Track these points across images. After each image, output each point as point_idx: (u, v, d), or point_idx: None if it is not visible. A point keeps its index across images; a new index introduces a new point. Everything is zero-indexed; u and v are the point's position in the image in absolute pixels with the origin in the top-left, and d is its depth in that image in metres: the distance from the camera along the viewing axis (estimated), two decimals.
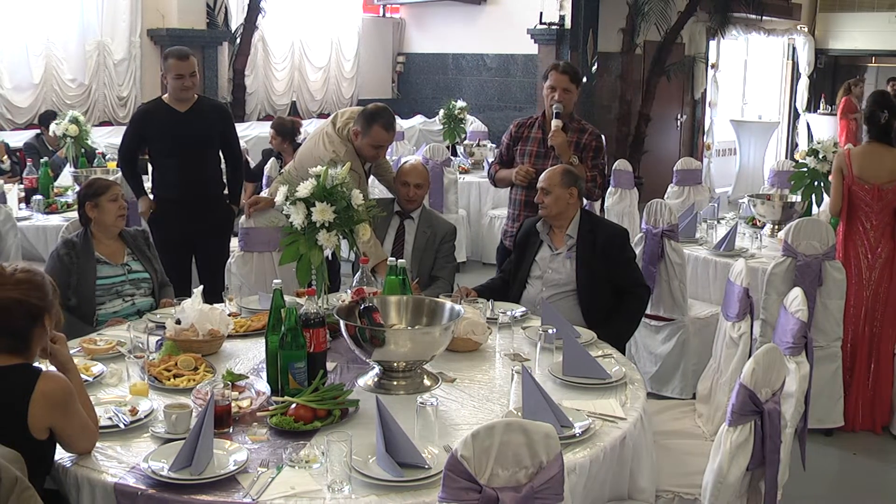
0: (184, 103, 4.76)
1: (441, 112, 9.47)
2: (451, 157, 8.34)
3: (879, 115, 4.59)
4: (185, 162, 4.72)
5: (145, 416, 2.53)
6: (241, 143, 6.48)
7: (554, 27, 10.31)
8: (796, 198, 5.70)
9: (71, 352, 3.07)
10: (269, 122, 7.64)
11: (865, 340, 4.61)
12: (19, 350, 2.28)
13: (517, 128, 4.67)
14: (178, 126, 4.72)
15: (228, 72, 10.00)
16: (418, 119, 11.19)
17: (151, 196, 4.97)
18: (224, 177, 5.04)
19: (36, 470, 2.16)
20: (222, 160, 5.03)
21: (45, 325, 2.33)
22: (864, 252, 4.59)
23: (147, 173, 5.36)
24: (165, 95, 4.82)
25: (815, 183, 5.48)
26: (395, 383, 2.83)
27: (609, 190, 7.21)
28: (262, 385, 2.75)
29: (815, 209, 5.59)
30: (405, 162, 4.43)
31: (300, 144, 5.75)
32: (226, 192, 5.01)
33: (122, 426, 2.46)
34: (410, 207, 4.30)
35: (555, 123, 4.43)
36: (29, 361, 2.29)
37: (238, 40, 9.92)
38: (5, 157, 7.03)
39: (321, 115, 10.92)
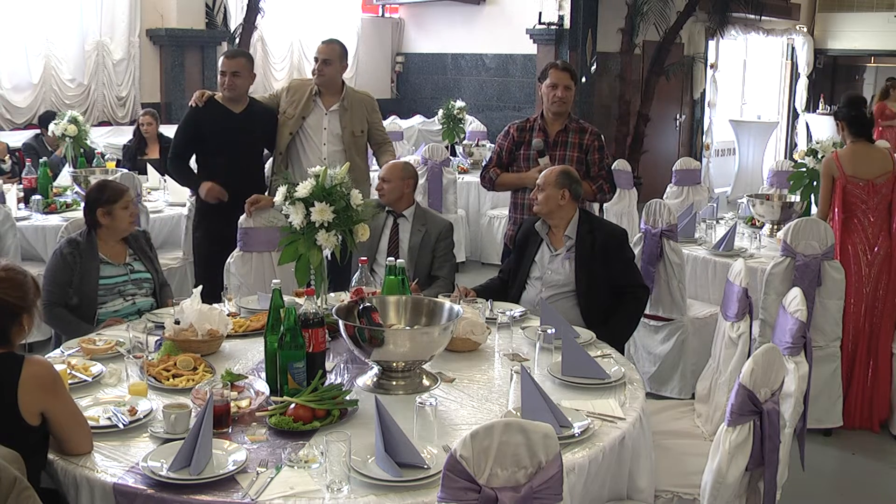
0: (239, 104, 4.81)
1: (440, 112, 9.48)
2: (450, 157, 8.34)
3: (863, 112, 4.74)
4: (237, 161, 4.76)
5: (144, 417, 2.53)
6: None
7: (553, 27, 10.31)
8: (795, 198, 5.70)
9: (70, 352, 3.11)
10: None
11: (865, 337, 4.61)
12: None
13: (518, 132, 4.62)
14: (234, 126, 4.77)
15: None
16: (417, 119, 11.19)
17: (193, 197, 5.02)
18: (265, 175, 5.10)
19: (30, 464, 2.18)
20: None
21: (23, 325, 2.36)
22: (863, 249, 4.61)
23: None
24: (219, 95, 4.87)
25: (814, 183, 5.48)
26: (394, 383, 2.83)
27: None
28: (261, 385, 2.76)
29: (813, 209, 5.59)
30: None
31: None
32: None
33: (121, 426, 2.46)
34: (383, 202, 4.28)
35: (543, 162, 4.37)
36: (11, 351, 2.32)
37: (237, 40, 9.91)
38: (7, 156, 7.03)
39: None
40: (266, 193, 4.88)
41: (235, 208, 4.69)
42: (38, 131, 7.34)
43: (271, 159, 6.39)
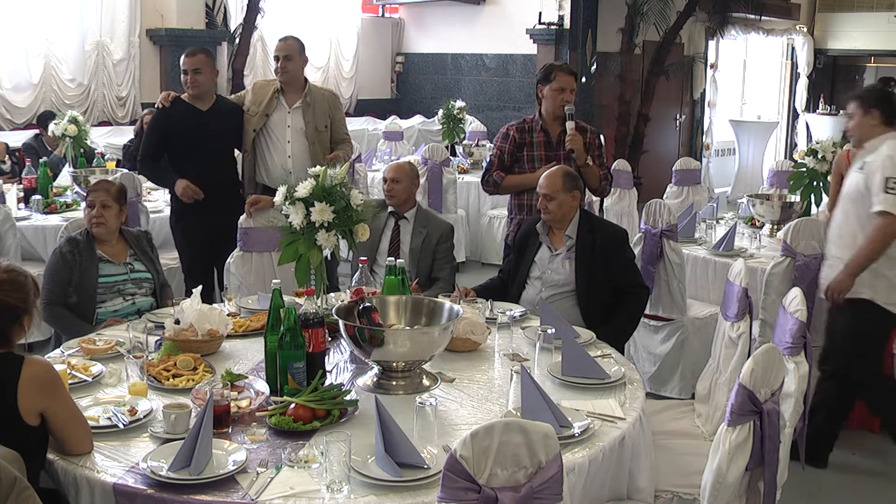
0: (206, 102, 4.83)
1: (440, 112, 9.47)
2: (450, 157, 8.34)
3: None
4: (207, 159, 4.78)
5: (144, 417, 2.53)
6: None
7: (553, 27, 10.31)
8: (795, 198, 5.70)
9: (70, 352, 3.11)
10: None
11: None
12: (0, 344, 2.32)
13: (519, 133, 4.59)
14: (202, 124, 4.80)
15: (227, 72, 9.99)
16: (417, 119, 11.19)
17: (170, 195, 5.06)
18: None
19: (30, 464, 2.18)
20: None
21: (23, 325, 2.37)
22: None
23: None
24: (185, 94, 4.89)
25: (814, 183, 5.49)
26: (394, 383, 2.83)
27: None
28: (261, 385, 2.76)
29: (814, 209, 5.59)
30: None
31: None
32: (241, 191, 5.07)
33: (121, 426, 2.46)
34: (392, 203, 4.31)
35: (570, 126, 4.40)
36: (11, 351, 2.33)
37: (237, 40, 9.91)
38: (6, 157, 7.03)
39: None
40: (241, 192, 4.93)
41: (209, 208, 4.75)
42: (38, 131, 7.34)
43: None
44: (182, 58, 4.81)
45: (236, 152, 5.10)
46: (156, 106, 4.95)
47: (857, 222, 3.94)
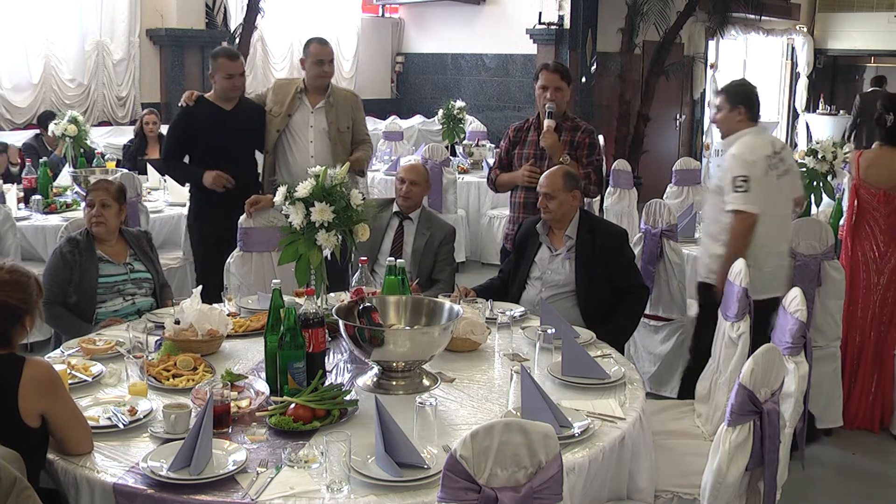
0: (230, 102, 4.84)
1: (440, 112, 9.47)
2: (450, 157, 8.34)
3: (886, 117, 4.52)
4: (230, 159, 4.78)
5: (144, 417, 2.53)
6: None
7: (553, 27, 10.32)
8: None
9: (70, 352, 3.11)
10: None
11: (871, 344, 4.59)
12: (1, 344, 2.32)
13: (514, 132, 4.66)
14: (225, 123, 4.80)
15: None
16: (417, 119, 11.19)
17: (189, 194, 5.08)
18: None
19: (30, 464, 2.18)
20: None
21: (25, 326, 2.37)
22: (874, 256, 4.53)
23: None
24: (210, 94, 4.88)
25: (814, 183, 5.47)
26: (394, 383, 2.83)
27: (608, 190, 7.21)
28: (261, 385, 2.76)
29: (813, 209, 5.58)
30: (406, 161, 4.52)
31: None
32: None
33: (121, 426, 2.47)
34: (405, 205, 4.30)
35: (547, 123, 4.43)
36: (12, 352, 2.33)
37: (237, 40, 9.91)
38: (17, 160, 7.02)
39: None
40: (260, 192, 4.91)
41: (229, 207, 4.71)
42: (38, 131, 7.34)
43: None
44: (222, 61, 4.77)
45: (257, 153, 5.10)
46: (179, 105, 4.94)
47: (712, 212, 4.09)
